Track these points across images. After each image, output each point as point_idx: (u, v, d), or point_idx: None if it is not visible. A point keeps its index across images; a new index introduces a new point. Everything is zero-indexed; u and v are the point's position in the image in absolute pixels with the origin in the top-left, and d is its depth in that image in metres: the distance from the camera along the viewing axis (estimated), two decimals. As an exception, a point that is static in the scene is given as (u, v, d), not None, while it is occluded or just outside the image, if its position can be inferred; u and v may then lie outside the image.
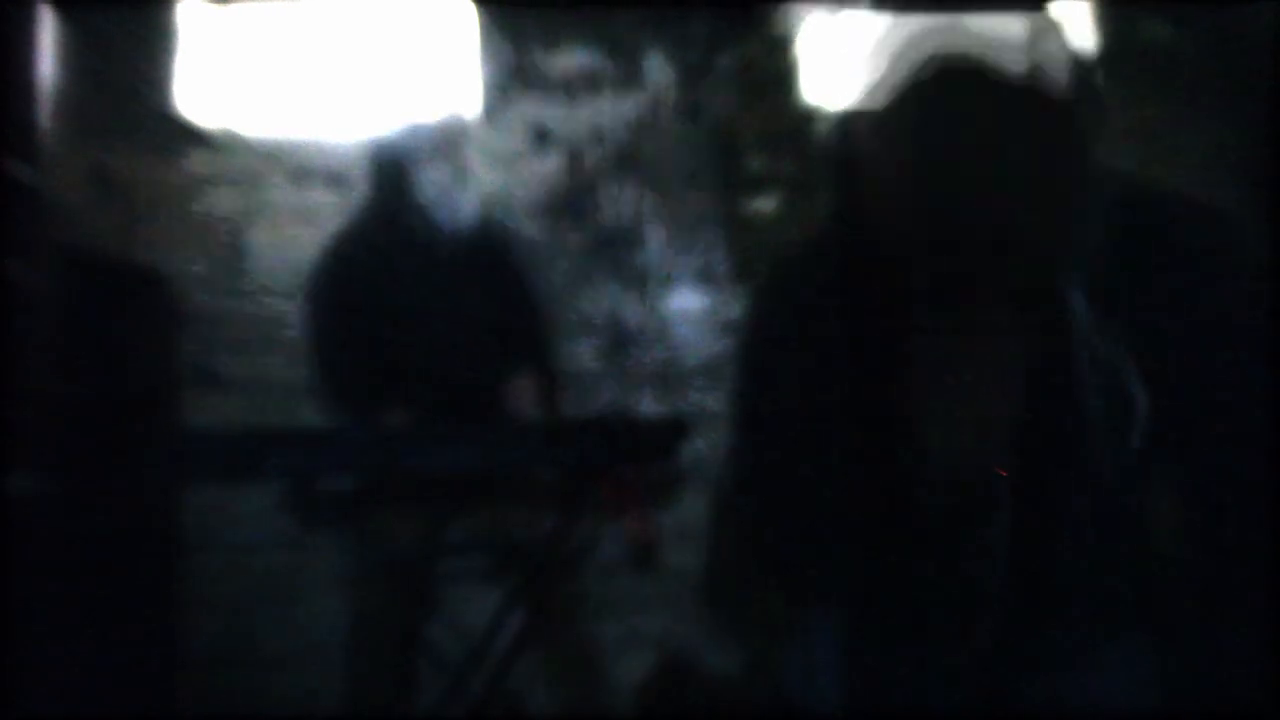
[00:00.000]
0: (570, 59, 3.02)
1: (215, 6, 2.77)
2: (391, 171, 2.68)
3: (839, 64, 2.82)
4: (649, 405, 2.90)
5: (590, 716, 2.65)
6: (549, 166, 3.02)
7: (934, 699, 1.68)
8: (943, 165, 1.59)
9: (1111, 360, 1.61)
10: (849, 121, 1.62)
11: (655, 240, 2.98)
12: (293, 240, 2.82)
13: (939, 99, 1.61)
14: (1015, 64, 1.63)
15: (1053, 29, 1.62)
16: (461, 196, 2.70)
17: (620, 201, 2.95)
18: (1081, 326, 1.61)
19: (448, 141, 2.73)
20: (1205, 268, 1.67)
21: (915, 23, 1.64)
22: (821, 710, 1.76)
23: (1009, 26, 1.64)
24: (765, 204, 3.01)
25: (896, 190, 1.61)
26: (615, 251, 2.98)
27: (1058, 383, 1.62)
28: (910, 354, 1.63)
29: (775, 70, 2.96)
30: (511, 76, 2.96)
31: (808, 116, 2.93)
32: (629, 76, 3.06)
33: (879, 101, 1.59)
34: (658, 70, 3.06)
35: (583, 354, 2.98)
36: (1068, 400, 1.61)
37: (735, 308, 2.93)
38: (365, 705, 2.60)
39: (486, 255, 2.72)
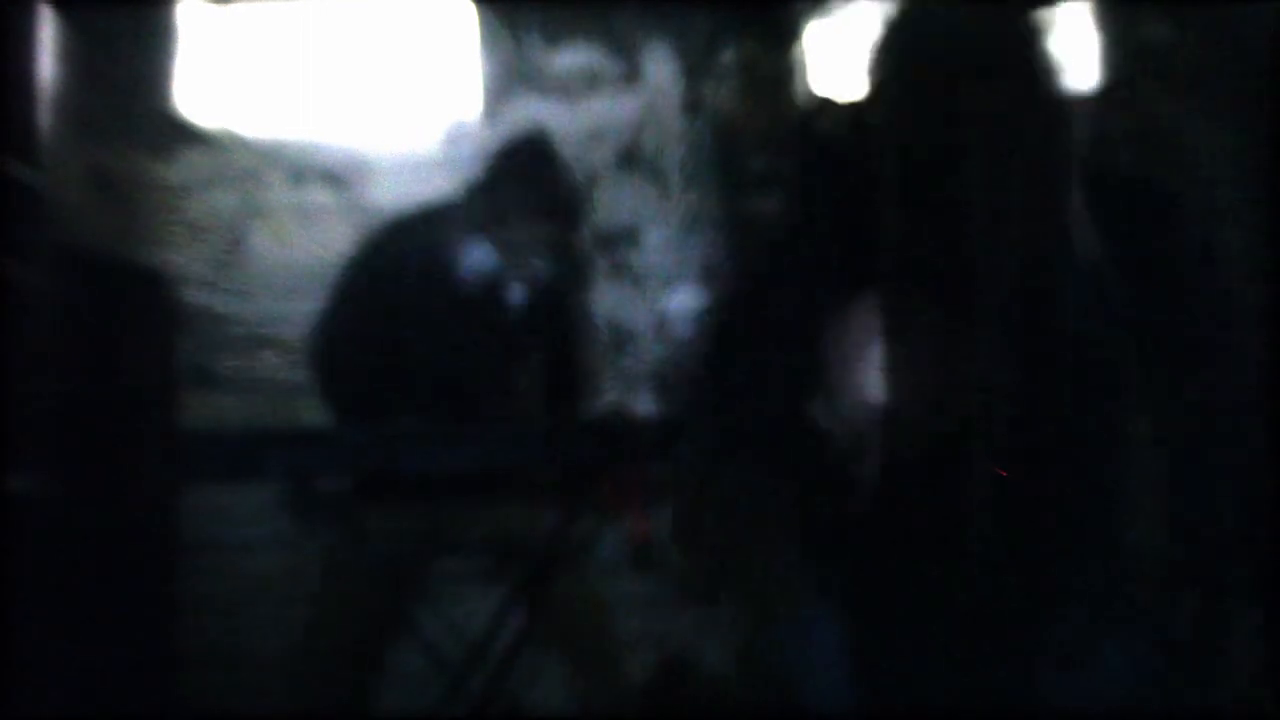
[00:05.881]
0: (570, 58, 3.02)
1: (215, 6, 2.76)
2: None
3: (842, 61, 2.82)
4: (649, 405, 2.90)
5: (590, 716, 2.65)
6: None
7: (931, 683, 1.68)
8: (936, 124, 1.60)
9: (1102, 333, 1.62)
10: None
11: (655, 240, 2.98)
12: (292, 240, 2.82)
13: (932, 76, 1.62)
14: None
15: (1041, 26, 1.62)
16: None
17: (620, 201, 2.95)
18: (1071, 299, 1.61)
19: None
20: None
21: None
22: (821, 704, 1.76)
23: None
24: (766, 204, 3.00)
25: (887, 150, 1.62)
26: (615, 251, 2.98)
27: (1045, 353, 1.63)
28: (896, 324, 1.63)
29: (778, 67, 2.95)
30: (511, 76, 2.95)
31: (811, 114, 2.93)
32: (629, 75, 3.05)
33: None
34: (658, 68, 3.05)
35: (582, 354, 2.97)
36: (1055, 371, 1.62)
37: (732, 308, 2.92)
38: (361, 705, 2.60)
39: None
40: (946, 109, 1.62)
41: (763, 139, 2.96)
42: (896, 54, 1.65)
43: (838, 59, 2.83)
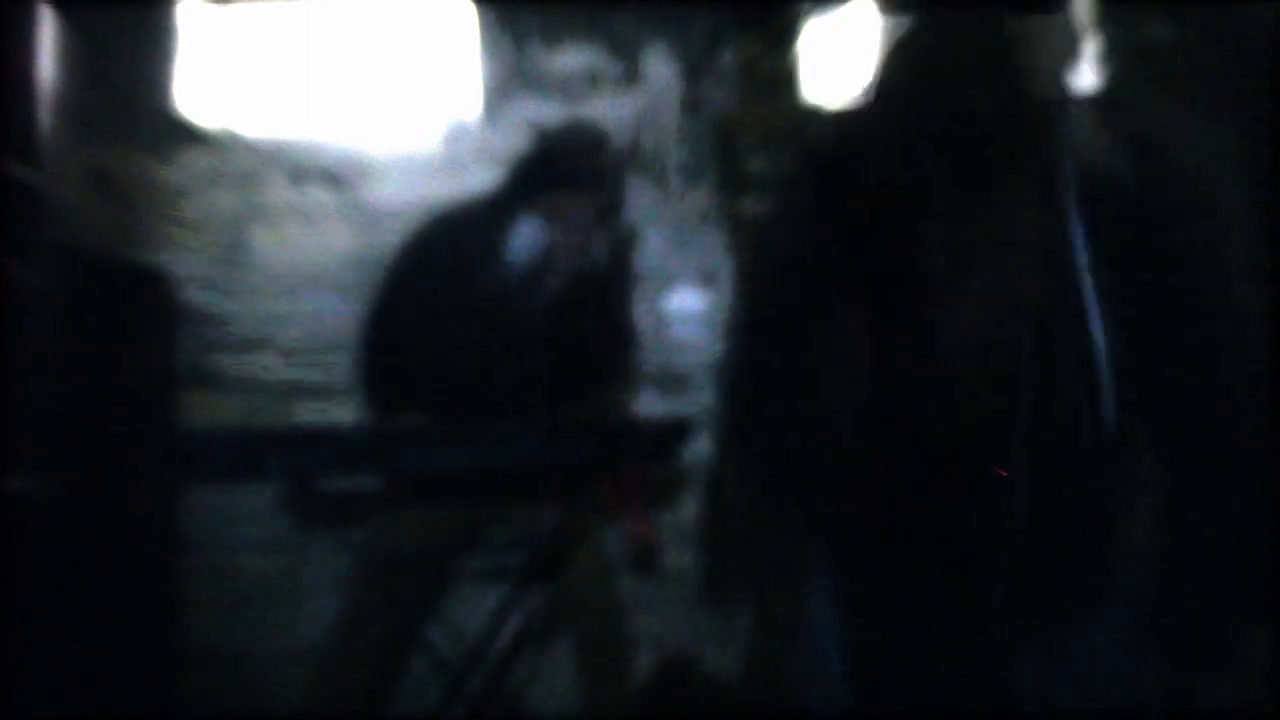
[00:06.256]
0: (570, 59, 3.02)
1: (215, 6, 2.76)
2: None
3: (842, 62, 2.82)
4: (649, 405, 2.90)
5: (589, 717, 2.65)
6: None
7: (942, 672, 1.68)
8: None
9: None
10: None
11: (655, 240, 2.98)
12: (292, 240, 2.82)
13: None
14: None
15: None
16: None
17: (620, 202, 2.95)
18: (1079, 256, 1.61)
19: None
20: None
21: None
22: (826, 706, 1.76)
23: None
24: (765, 204, 3.01)
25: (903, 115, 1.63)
26: (615, 251, 2.98)
27: (1064, 315, 1.63)
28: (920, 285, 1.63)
29: (777, 68, 2.96)
30: (511, 76, 2.95)
31: (810, 115, 2.93)
32: (629, 75, 3.05)
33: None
34: (658, 69, 3.06)
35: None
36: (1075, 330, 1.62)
37: (735, 308, 2.93)
38: (361, 707, 2.60)
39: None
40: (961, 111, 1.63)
41: (762, 139, 2.96)
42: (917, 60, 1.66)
43: (837, 59, 2.83)
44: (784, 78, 2.92)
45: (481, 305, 2.62)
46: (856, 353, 1.69)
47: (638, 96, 3.03)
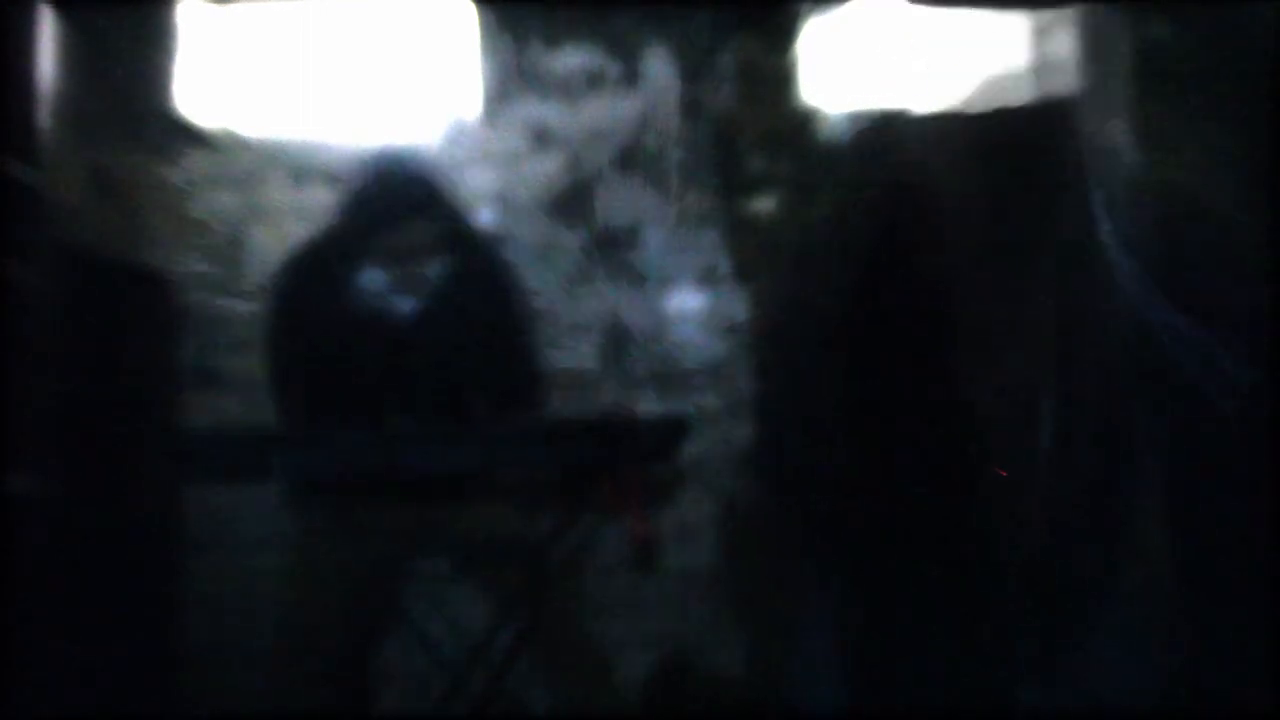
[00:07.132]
0: (570, 59, 3.02)
1: (215, 6, 2.77)
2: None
3: (841, 62, 2.83)
4: (649, 405, 2.90)
5: (590, 717, 2.65)
6: (549, 166, 3.02)
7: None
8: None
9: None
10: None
11: (655, 240, 2.98)
12: (293, 240, 2.82)
13: None
14: None
15: None
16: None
17: (620, 201, 2.95)
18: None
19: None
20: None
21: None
22: (823, 711, 1.77)
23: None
24: (765, 204, 3.01)
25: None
26: (615, 251, 2.98)
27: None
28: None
29: (776, 69, 2.96)
30: (511, 76, 2.96)
31: (808, 116, 2.93)
32: (629, 76, 3.06)
33: None
34: (658, 70, 3.06)
35: (583, 354, 2.98)
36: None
37: (735, 308, 2.93)
38: (358, 705, 2.60)
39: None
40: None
41: (762, 139, 2.96)
42: None
43: (837, 59, 2.83)
44: (784, 78, 2.92)
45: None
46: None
47: (638, 97, 3.03)
